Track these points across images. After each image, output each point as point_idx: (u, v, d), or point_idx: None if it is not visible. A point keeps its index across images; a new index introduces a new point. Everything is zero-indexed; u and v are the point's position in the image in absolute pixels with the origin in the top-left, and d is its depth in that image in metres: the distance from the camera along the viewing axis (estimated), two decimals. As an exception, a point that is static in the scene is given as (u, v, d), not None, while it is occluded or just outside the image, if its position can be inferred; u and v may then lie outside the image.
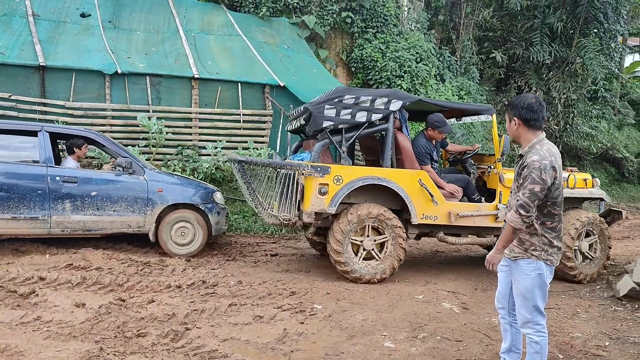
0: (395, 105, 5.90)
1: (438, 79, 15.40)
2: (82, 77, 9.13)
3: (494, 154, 6.61)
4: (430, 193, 5.93)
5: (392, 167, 6.00)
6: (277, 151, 10.70)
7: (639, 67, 28.57)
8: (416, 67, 14.02)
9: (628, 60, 26.79)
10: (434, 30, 16.65)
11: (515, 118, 3.20)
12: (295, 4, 13.38)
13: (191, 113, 9.80)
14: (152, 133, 8.96)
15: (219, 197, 7.14)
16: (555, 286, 6.10)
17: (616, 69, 19.15)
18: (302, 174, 5.61)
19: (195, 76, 9.82)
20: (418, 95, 13.64)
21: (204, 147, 9.66)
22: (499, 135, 6.40)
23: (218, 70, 10.32)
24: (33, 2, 10.47)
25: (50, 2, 10.72)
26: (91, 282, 5.23)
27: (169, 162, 9.28)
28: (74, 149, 6.94)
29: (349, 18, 14.02)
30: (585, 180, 6.76)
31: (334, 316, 4.63)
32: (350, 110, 5.80)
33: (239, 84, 10.27)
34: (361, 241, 5.82)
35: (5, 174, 6.24)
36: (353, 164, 6.36)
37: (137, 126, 9.01)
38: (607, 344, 4.26)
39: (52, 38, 9.73)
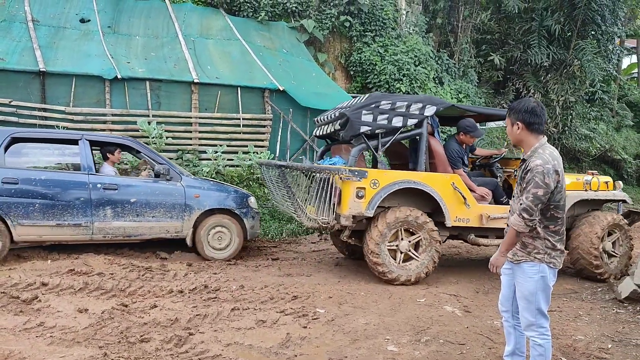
0: (430, 111, 6.05)
1: (437, 82, 15.43)
2: (82, 83, 9.13)
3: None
4: (463, 196, 6.07)
5: (425, 171, 6.14)
6: (277, 155, 10.72)
7: (636, 68, 28.70)
8: (415, 70, 14.04)
9: (625, 62, 26.91)
10: (432, 34, 16.68)
11: (518, 122, 3.22)
12: (293, 8, 13.41)
13: (191, 117, 9.82)
14: (152, 138, 8.98)
15: (252, 201, 7.32)
16: (557, 289, 6.11)
17: (614, 71, 19.22)
18: (340, 178, 5.70)
19: (195, 81, 9.83)
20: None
21: (204, 152, 9.67)
22: None
23: (217, 74, 10.34)
24: (32, 8, 10.48)
25: (49, 8, 10.73)
26: (93, 287, 5.23)
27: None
28: (108, 154, 7.07)
29: (347, 22, 14.05)
30: (607, 183, 6.95)
31: (337, 320, 4.63)
32: (387, 115, 5.95)
33: (239, 88, 10.28)
34: (396, 245, 5.93)
35: (50, 182, 6.37)
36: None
37: (137, 131, 9.02)
38: (609, 346, 4.27)
39: (52, 43, 9.74)
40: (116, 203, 6.55)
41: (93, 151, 7.15)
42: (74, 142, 6.72)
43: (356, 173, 5.72)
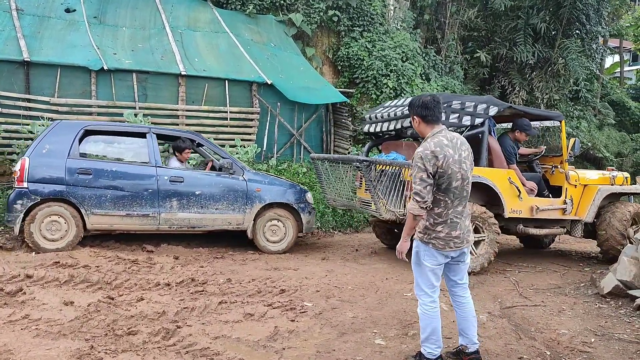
0: (493, 111, 6.47)
1: (423, 78, 15.48)
2: (68, 73, 9.03)
3: (555, 155, 7.61)
4: (518, 190, 6.58)
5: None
6: (264, 149, 10.70)
7: (618, 68, 29.10)
8: (402, 66, 14.06)
9: (608, 61, 27.28)
10: (419, 30, 16.72)
11: (414, 116, 3.52)
12: (282, 2, 13.34)
13: (178, 110, 9.76)
14: (139, 130, 8.92)
15: (309, 196, 7.51)
16: (541, 284, 6.22)
17: (597, 70, 19.48)
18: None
19: (182, 73, 9.77)
20: (405, 94, 13.76)
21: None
22: (567, 138, 7.25)
23: (205, 67, 10.28)
24: (16, -3, 10.32)
25: (34, -3, 10.57)
26: (79, 280, 5.20)
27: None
28: (176, 153, 7.31)
29: (335, 16, 14.01)
30: (626, 178, 7.69)
31: (324, 314, 4.65)
32: (458, 114, 6.38)
33: (226, 81, 10.25)
34: None
35: (121, 173, 6.64)
36: None
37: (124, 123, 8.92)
38: (592, 340, 4.34)
39: (37, 33, 9.59)
40: (182, 195, 6.77)
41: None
42: (142, 135, 6.95)
43: None
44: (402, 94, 13.74)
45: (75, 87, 9.10)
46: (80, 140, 6.65)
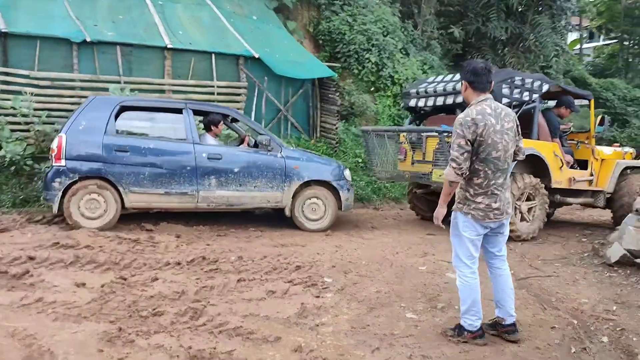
0: (545, 87, 6.89)
1: (403, 52, 15.39)
2: (48, 46, 8.55)
3: (581, 131, 8.29)
4: (561, 161, 7.12)
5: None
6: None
7: (577, 45, 29.74)
8: (384, 41, 13.93)
9: (568, 38, 27.86)
10: (397, 3, 16.57)
11: (463, 81, 3.46)
12: (263, -27, 12.96)
13: (164, 85, 9.40)
14: (126, 105, 8.57)
15: (347, 173, 7.40)
16: (547, 255, 6.30)
17: (564, 46, 19.83)
18: None
19: (168, 46, 9.41)
20: (386, 68, 13.68)
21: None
22: (595, 116, 7.77)
23: (190, 40, 9.92)
24: (-14, -36, 9.68)
25: (5, -36, 9.94)
26: (85, 261, 4.97)
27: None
28: (212, 126, 7.05)
29: (316, -11, 13.74)
30: (632, 153, 8.43)
31: (347, 289, 4.58)
32: (519, 90, 6.69)
33: (213, 55, 9.92)
34: (519, 205, 6.79)
35: (158, 151, 6.48)
36: None
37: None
38: (614, 308, 4.40)
39: (12, 3, 9.01)
40: (220, 172, 6.64)
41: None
42: (178, 111, 6.76)
43: None
44: (384, 69, 13.66)
45: (56, 60, 8.63)
46: (117, 117, 6.48)
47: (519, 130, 3.52)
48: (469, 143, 3.27)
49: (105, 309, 3.88)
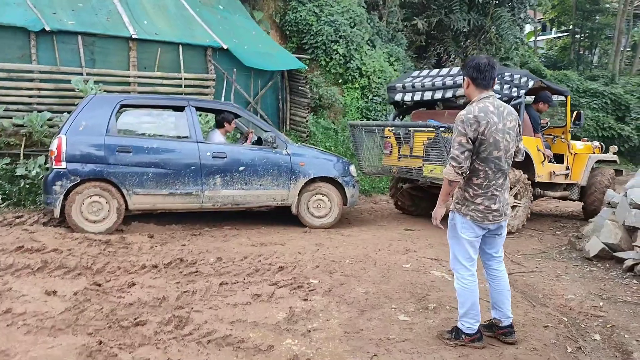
0: (531, 83, 6.91)
1: (370, 44, 15.30)
2: (2, 35, 8.03)
3: (556, 127, 8.39)
4: (544, 156, 7.21)
5: None
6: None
7: (532, 37, 30.43)
8: (351, 32, 13.79)
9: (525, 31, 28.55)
10: (362, -6, 16.44)
11: (465, 77, 3.35)
12: (227, -39, 12.59)
13: (129, 77, 8.99)
14: (89, 98, 8.16)
15: (353, 169, 7.31)
16: (525, 249, 6.32)
17: (524, 39, 20.21)
18: None
19: (133, 36, 9.00)
20: (354, 60, 13.58)
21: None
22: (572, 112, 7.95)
23: (156, 30, 9.53)
24: None
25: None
26: (54, 266, 4.67)
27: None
28: (225, 123, 6.94)
29: (281, -22, 13.46)
30: (599, 147, 8.64)
31: (334, 290, 4.44)
32: (509, 85, 6.70)
33: (180, 45, 9.56)
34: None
35: (162, 150, 6.26)
36: None
37: (72, 90, 8.11)
38: (601, 304, 4.41)
39: (-40, -12, 8.47)
40: (225, 171, 6.48)
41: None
42: (180, 108, 6.60)
43: None
44: (352, 61, 13.54)
45: (12, 50, 8.12)
46: (117, 116, 6.26)
47: (521, 130, 3.43)
48: (470, 141, 3.17)
49: (82, 319, 3.63)
